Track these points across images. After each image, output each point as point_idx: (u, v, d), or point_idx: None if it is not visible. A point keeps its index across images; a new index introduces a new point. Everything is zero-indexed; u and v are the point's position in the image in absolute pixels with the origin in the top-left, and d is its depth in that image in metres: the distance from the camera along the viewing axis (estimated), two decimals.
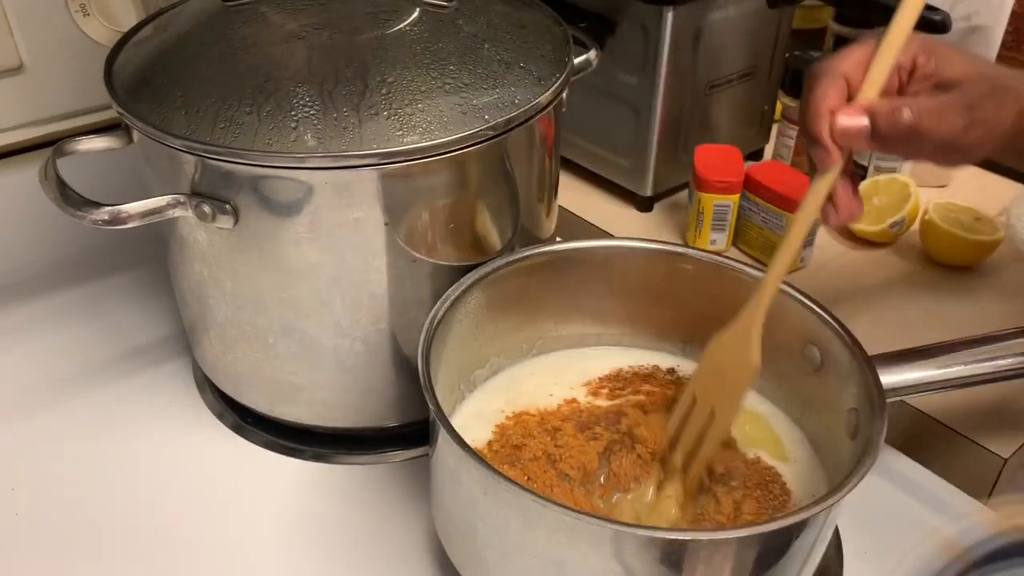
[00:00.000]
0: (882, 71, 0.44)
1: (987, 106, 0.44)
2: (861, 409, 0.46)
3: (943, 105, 0.44)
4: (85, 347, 0.67)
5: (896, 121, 0.43)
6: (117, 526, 0.54)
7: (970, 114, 0.44)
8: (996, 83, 0.45)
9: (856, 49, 0.45)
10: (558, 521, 0.38)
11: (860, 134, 0.43)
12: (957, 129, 0.44)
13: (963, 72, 0.45)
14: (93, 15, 0.64)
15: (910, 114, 0.43)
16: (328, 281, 0.50)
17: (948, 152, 0.45)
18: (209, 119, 0.47)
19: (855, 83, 0.44)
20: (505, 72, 0.51)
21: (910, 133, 0.43)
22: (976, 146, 0.45)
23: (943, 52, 0.45)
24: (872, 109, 0.43)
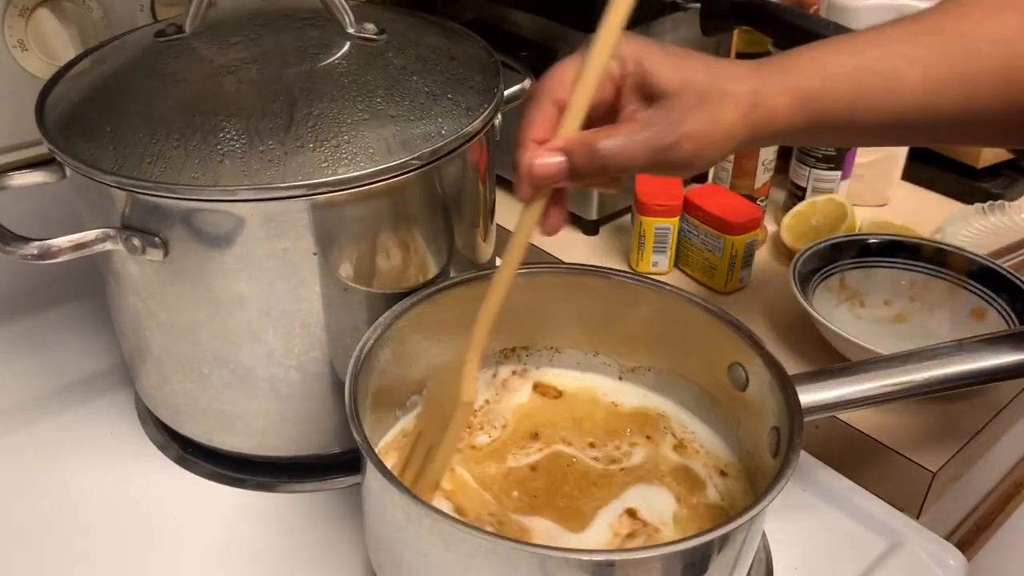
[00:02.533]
0: (583, 100, 0.42)
1: (695, 119, 0.41)
2: (781, 426, 0.47)
3: (644, 129, 0.42)
4: (26, 380, 0.67)
5: (593, 159, 0.41)
6: (57, 560, 0.54)
7: (674, 132, 0.41)
8: (707, 91, 0.42)
9: (568, 66, 0.43)
10: (477, 546, 0.39)
11: (558, 175, 0.42)
12: (661, 151, 0.41)
13: (669, 82, 0.42)
14: (31, 50, 0.65)
15: (608, 149, 0.41)
16: (259, 311, 0.50)
17: (660, 169, 0.43)
18: (137, 154, 0.47)
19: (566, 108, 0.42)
20: (433, 104, 0.52)
21: (611, 167, 0.42)
22: (695, 157, 0.42)
23: (653, 59, 0.42)
24: (568, 148, 0.42)
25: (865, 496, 0.57)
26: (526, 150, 0.42)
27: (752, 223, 0.73)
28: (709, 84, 0.42)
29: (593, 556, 0.39)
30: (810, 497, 0.57)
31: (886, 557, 0.53)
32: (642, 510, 0.50)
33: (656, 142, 0.41)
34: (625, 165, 0.42)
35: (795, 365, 0.67)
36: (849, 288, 0.72)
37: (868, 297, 0.73)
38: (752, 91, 0.42)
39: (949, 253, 0.71)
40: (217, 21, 0.58)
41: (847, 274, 0.72)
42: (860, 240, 0.72)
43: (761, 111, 0.42)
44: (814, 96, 0.43)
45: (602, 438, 0.54)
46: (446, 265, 0.56)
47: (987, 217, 0.83)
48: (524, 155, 0.42)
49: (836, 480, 0.59)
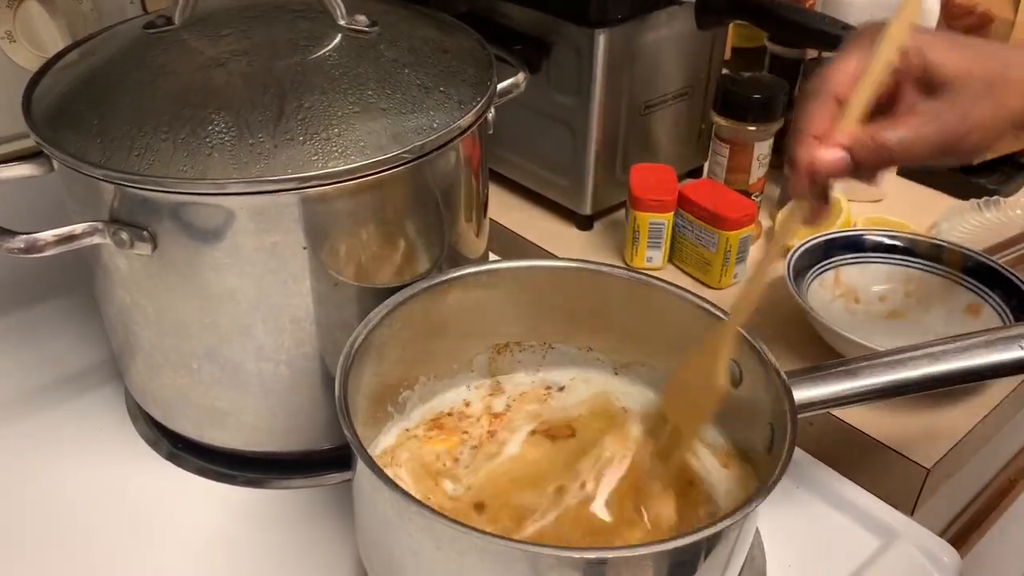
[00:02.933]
0: (866, 94, 0.42)
1: (982, 109, 0.41)
2: (776, 423, 0.46)
3: (931, 121, 0.42)
4: (14, 374, 0.66)
5: (879, 154, 0.42)
6: (45, 557, 0.53)
7: (962, 123, 0.41)
8: (992, 80, 0.42)
9: (847, 59, 0.43)
10: (468, 544, 0.38)
11: (840, 170, 0.42)
12: (947, 142, 0.42)
13: (954, 71, 0.42)
14: (19, 42, 0.64)
15: (891, 145, 0.41)
16: (248, 306, 0.50)
17: (943, 158, 0.43)
18: (125, 146, 0.47)
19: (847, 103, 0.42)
20: (425, 97, 0.51)
21: (894, 161, 0.42)
22: (975, 147, 0.42)
23: (934, 47, 0.42)
24: (851, 143, 0.42)
25: (859, 493, 0.57)
26: (806, 145, 0.42)
27: (747, 218, 0.73)
28: (995, 72, 0.42)
29: (584, 554, 0.38)
30: (804, 494, 0.57)
31: (880, 554, 0.53)
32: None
33: (944, 135, 0.41)
34: (909, 156, 0.42)
35: (789, 361, 0.67)
36: (844, 284, 0.72)
37: (863, 293, 0.72)
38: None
39: (945, 249, 0.70)
40: (207, 13, 0.57)
41: (842, 270, 0.72)
42: (856, 236, 0.72)
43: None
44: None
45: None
46: (438, 260, 0.56)
47: (982, 213, 0.82)
48: (804, 150, 0.42)
49: (830, 477, 0.58)
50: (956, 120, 0.41)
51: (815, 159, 0.42)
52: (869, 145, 0.41)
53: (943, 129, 0.41)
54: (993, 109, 0.41)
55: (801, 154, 0.42)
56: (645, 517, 0.48)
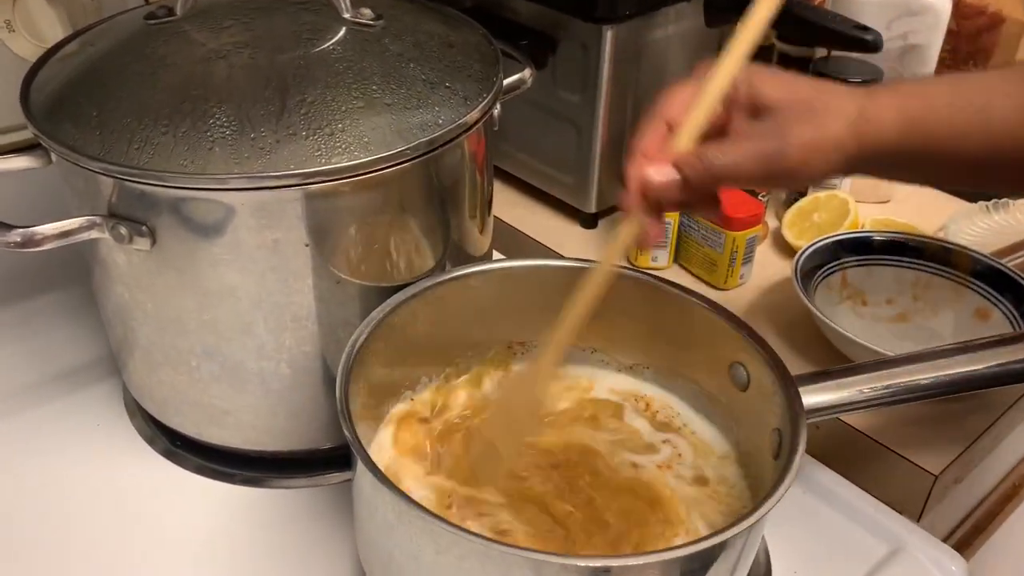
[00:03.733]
0: (698, 118, 0.43)
1: (803, 129, 0.43)
2: (783, 428, 0.46)
3: (754, 139, 0.43)
4: (10, 370, 0.65)
5: (706, 172, 0.43)
6: (41, 553, 0.53)
7: (782, 142, 0.43)
8: (813, 104, 0.44)
9: (683, 89, 0.45)
10: (469, 548, 0.38)
11: (668, 188, 0.43)
12: (770, 161, 0.43)
13: (778, 96, 0.44)
14: (18, 31, 0.63)
15: (719, 162, 0.42)
16: (249, 303, 0.49)
17: (773, 180, 0.45)
18: (125, 139, 0.46)
19: (678, 127, 0.44)
20: (430, 92, 0.50)
21: (723, 178, 0.43)
22: (798, 169, 0.43)
23: (759, 76, 0.44)
24: (679, 162, 0.43)
25: (866, 499, 0.56)
26: (637, 163, 0.44)
27: (753, 219, 0.72)
28: (816, 97, 0.44)
29: (589, 562, 0.38)
30: (810, 499, 0.57)
31: (887, 562, 0.53)
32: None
33: (767, 151, 0.43)
34: (736, 175, 0.43)
35: (795, 363, 0.66)
36: (851, 286, 0.71)
37: (870, 296, 0.72)
38: (859, 106, 0.44)
39: (953, 252, 0.69)
40: (209, 4, 0.56)
41: (849, 272, 0.71)
42: (864, 238, 0.71)
43: (868, 126, 0.44)
44: (918, 118, 0.44)
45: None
46: (442, 258, 0.55)
47: (991, 215, 0.82)
48: (634, 168, 0.44)
49: (836, 482, 0.58)
50: (777, 140, 0.43)
51: (644, 176, 0.43)
52: (696, 164, 0.42)
53: (765, 148, 0.43)
54: (812, 131, 0.43)
55: (632, 171, 0.44)
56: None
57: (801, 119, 0.43)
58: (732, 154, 0.43)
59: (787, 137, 0.43)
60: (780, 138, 0.43)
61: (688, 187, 0.43)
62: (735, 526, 0.39)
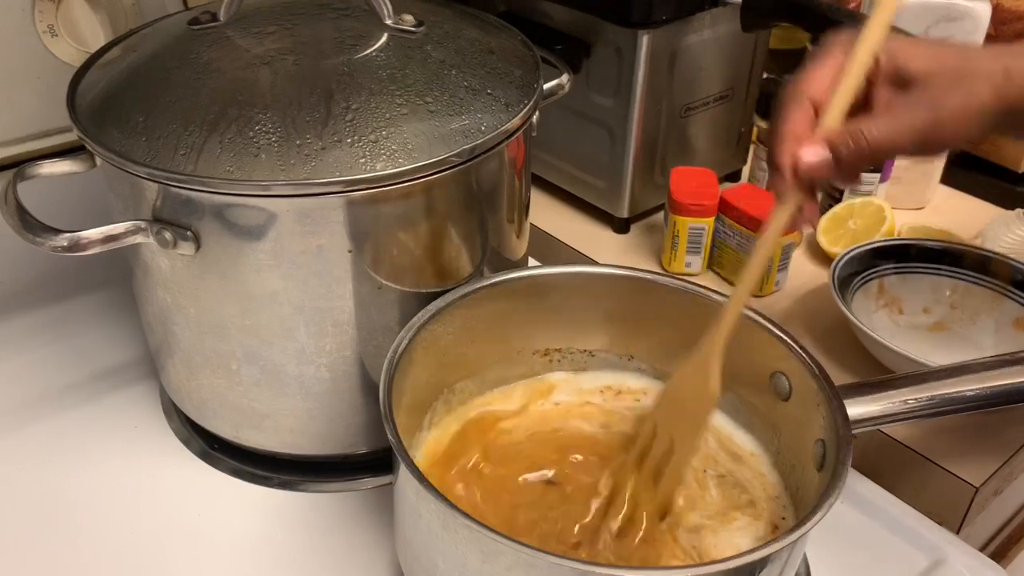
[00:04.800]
0: (845, 96, 0.43)
1: (953, 99, 0.43)
2: (828, 440, 0.45)
3: (906, 113, 0.43)
4: (50, 370, 0.66)
5: (859, 149, 0.43)
6: (78, 554, 0.53)
7: (936, 112, 0.43)
8: (961, 71, 0.43)
9: (822, 66, 0.44)
10: (516, 559, 0.37)
11: (822, 168, 0.43)
12: (925, 132, 0.43)
13: (924, 66, 0.44)
14: (61, 36, 0.64)
15: (873, 137, 0.42)
16: (291, 308, 0.49)
17: (923, 150, 0.45)
18: (171, 145, 0.46)
19: (822, 106, 0.44)
20: (472, 99, 0.50)
21: (875, 155, 0.43)
22: (952, 137, 0.44)
23: (903, 49, 0.44)
24: (832, 141, 0.43)
25: (905, 510, 0.56)
26: (787, 146, 0.43)
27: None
28: (961, 64, 0.43)
29: (636, 573, 0.37)
30: (850, 510, 0.56)
31: (928, 574, 0.52)
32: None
33: (920, 124, 0.43)
34: (890, 149, 0.43)
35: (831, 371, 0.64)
36: (888, 294, 0.71)
37: (907, 304, 0.71)
38: (1003, 69, 0.43)
39: (993, 260, 0.69)
40: (252, 9, 0.56)
41: (886, 279, 0.70)
42: (901, 245, 0.71)
43: (1012, 86, 0.43)
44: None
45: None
46: (480, 263, 0.55)
47: None
48: (785, 151, 0.43)
49: (875, 492, 0.57)
50: (929, 110, 0.43)
51: (797, 158, 0.43)
52: (849, 142, 0.42)
53: (919, 120, 0.43)
54: (963, 98, 0.43)
55: (783, 155, 0.43)
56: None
57: (951, 87, 0.43)
58: (885, 128, 0.43)
59: (939, 108, 0.43)
60: (932, 109, 0.43)
61: (841, 165, 0.43)
62: (779, 540, 0.39)
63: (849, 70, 0.43)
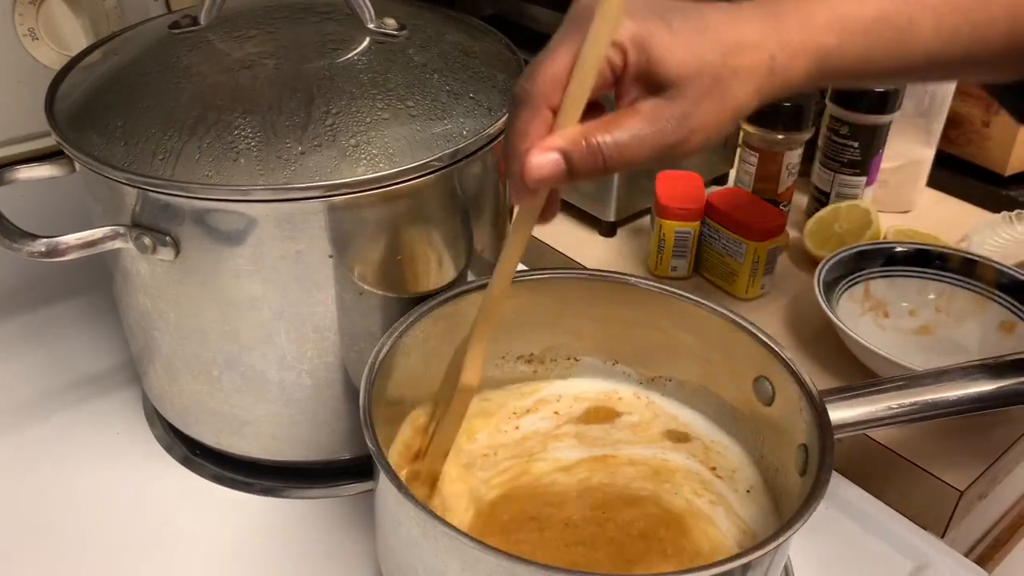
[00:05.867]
0: (579, 97, 0.38)
1: (706, 108, 0.38)
2: (810, 445, 0.45)
3: (650, 124, 0.38)
4: (33, 375, 0.66)
5: (594, 158, 0.37)
6: (58, 560, 0.52)
7: (686, 124, 0.38)
8: (718, 74, 0.38)
9: (558, 61, 0.38)
10: (496, 566, 0.37)
11: (555, 176, 0.38)
12: (671, 147, 0.38)
13: (680, 68, 0.37)
14: (42, 39, 0.63)
15: (610, 148, 0.37)
16: (271, 314, 0.49)
17: (664, 161, 0.40)
18: (149, 150, 0.46)
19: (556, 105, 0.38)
20: (454, 103, 0.50)
21: (614, 166, 0.38)
22: (697, 148, 0.39)
23: (659, 42, 0.38)
24: (566, 147, 0.37)
25: (890, 514, 0.56)
26: (519, 156, 0.38)
27: (776, 229, 0.71)
28: (722, 64, 0.38)
29: None
30: (834, 514, 0.56)
31: None
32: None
33: (664, 138, 0.38)
34: (627, 163, 0.38)
35: (816, 374, 0.66)
36: (873, 297, 0.71)
37: (893, 307, 0.71)
38: (768, 60, 0.39)
39: (978, 264, 0.69)
40: (233, 13, 0.56)
41: (872, 283, 0.70)
42: (887, 248, 0.71)
43: (776, 80, 0.39)
44: (830, 54, 0.40)
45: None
46: (464, 268, 0.55)
47: (1014, 226, 0.81)
48: (515, 156, 0.38)
49: (860, 497, 0.57)
50: (676, 122, 0.38)
51: (526, 165, 0.38)
52: (583, 148, 0.37)
53: (667, 134, 0.38)
54: (717, 106, 0.38)
55: (513, 161, 0.39)
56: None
57: (704, 97, 0.38)
58: (625, 140, 0.37)
59: (689, 121, 0.38)
60: (683, 122, 0.38)
61: (575, 175, 0.38)
62: (762, 546, 0.39)
63: (580, 65, 0.37)
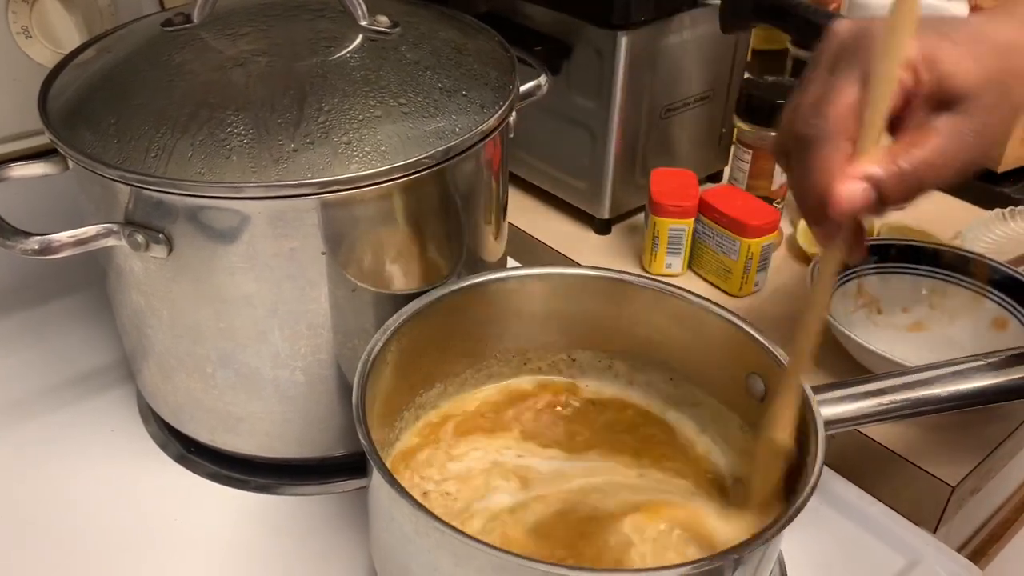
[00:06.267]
0: (878, 119, 0.38)
1: (1000, 115, 0.38)
2: (800, 441, 0.45)
3: (952, 139, 0.38)
4: (25, 374, 0.66)
5: (905, 182, 0.37)
6: (52, 558, 0.53)
7: (986, 135, 0.38)
8: (1004, 78, 0.38)
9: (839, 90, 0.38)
10: (487, 562, 0.37)
11: (865, 204, 0.37)
12: (976, 160, 0.38)
13: (971, 78, 0.38)
14: (35, 37, 0.63)
15: (920, 170, 0.37)
16: (265, 311, 0.49)
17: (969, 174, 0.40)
18: (142, 147, 0.46)
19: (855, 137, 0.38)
20: (447, 100, 0.50)
21: (924, 185, 0.38)
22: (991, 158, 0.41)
23: (946, 57, 0.38)
24: (873, 176, 0.37)
25: (882, 510, 0.56)
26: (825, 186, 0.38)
27: (769, 226, 0.71)
28: (1004, 69, 0.38)
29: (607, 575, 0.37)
30: (826, 510, 0.56)
31: (904, 574, 0.52)
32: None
33: (968, 154, 0.38)
34: (935, 183, 0.38)
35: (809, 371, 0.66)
36: (867, 294, 0.71)
37: (886, 304, 0.71)
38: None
39: (971, 261, 0.69)
40: (227, 11, 0.56)
41: (865, 279, 0.71)
42: (880, 245, 0.71)
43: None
44: None
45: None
46: (458, 265, 0.55)
47: (1007, 223, 0.81)
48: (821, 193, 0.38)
49: (852, 492, 0.57)
50: (977, 135, 0.38)
51: (834, 197, 0.37)
52: (895, 172, 0.37)
53: (965, 147, 0.38)
54: (1008, 112, 0.39)
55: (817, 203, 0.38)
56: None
57: (996, 105, 0.38)
58: (931, 156, 0.37)
59: (990, 134, 0.38)
60: (983, 136, 0.38)
61: (886, 200, 0.38)
62: (753, 541, 0.39)
63: (876, 90, 0.37)
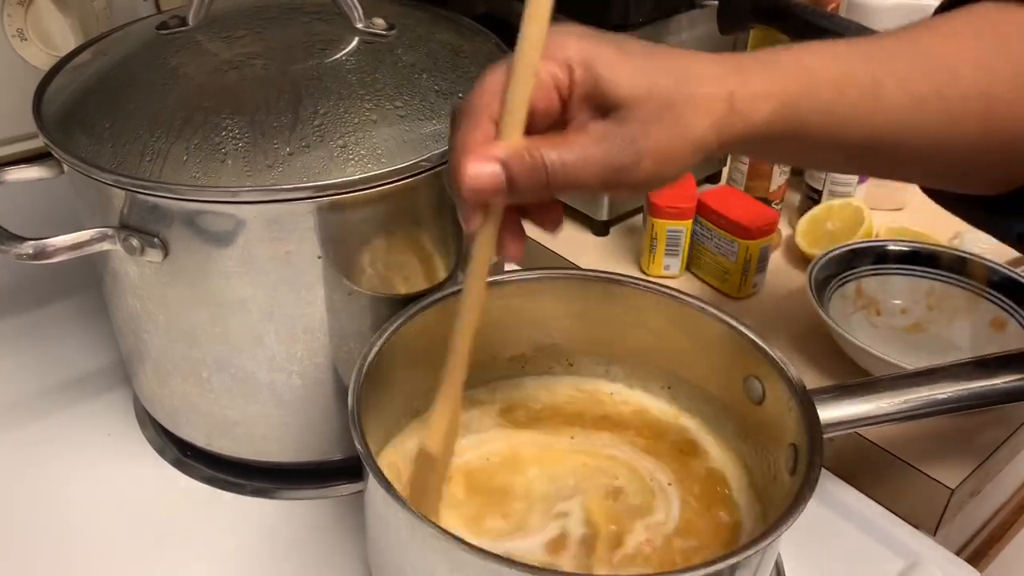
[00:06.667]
0: (519, 102, 0.36)
1: (659, 132, 0.35)
2: (799, 444, 0.45)
3: (597, 143, 0.36)
4: (21, 377, 0.65)
5: (535, 171, 0.35)
6: (49, 562, 0.52)
7: (634, 147, 0.35)
8: (673, 99, 0.36)
9: (491, 72, 0.37)
10: (483, 568, 0.37)
11: (493, 187, 0.35)
12: (618, 170, 0.36)
13: (630, 90, 0.35)
14: (31, 40, 0.63)
15: (554, 162, 0.35)
16: (261, 315, 0.49)
17: (618, 189, 0.37)
18: (137, 151, 0.46)
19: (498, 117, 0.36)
20: (443, 103, 0.50)
21: (557, 183, 0.36)
22: (652, 179, 0.36)
23: (606, 62, 0.36)
24: (507, 157, 0.35)
25: (881, 513, 0.56)
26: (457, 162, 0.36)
27: (768, 227, 0.71)
28: (675, 89, 0.36)
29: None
30: (825, 512, 0.56)
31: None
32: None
33: (611, 160, 0.36)
34: (573, 183, 0.36)
35: (808, 373, 0.66)
36: (865, 295, 0.71)
37: (885, 305, 0.71)
38: (728, 95, 0.36)
39: (969, 262, 0.69)
40: (222, 14, 0.56)
41: (864, 281, 0.70)
42: (879, 247, 0.71)
43: (736, 119, 0.36)
44: (795, 102, 0.38)
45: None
46: (454, 269, 0.55)
47: None
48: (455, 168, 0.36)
49: (851, 495, 0.57)
50: (623, 145, 0.35)
51: (462, 174, 0.35)
52: (526, 161, 0.35)
53: (612, 156, 0.35)
54: (670, 133, 0.36)
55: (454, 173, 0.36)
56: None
57: (655, 120, 0.35)
58: (570, 157, 0.35)
59: (637, 143, 0.35)
60: (632, 148, 0.35)
61: (515, 187, 0.35)
62: (751, 545, 0.39)
63: (516, 74, 0.36)
